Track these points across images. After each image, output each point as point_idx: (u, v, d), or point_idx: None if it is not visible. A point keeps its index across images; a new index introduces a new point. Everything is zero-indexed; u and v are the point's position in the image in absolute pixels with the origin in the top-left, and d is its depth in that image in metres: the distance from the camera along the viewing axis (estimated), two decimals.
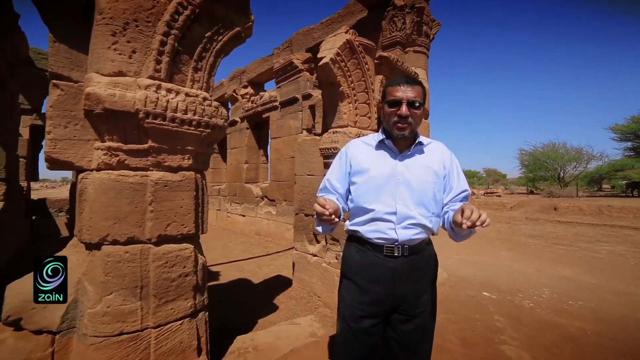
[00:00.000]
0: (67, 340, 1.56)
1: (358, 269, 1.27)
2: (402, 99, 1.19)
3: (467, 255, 5.64)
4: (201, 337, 1.76)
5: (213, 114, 1.70)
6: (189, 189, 1.68)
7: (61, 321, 1.52)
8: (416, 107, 1.20)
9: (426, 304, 1.27)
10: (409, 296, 1.24)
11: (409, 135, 1.22)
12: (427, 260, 1.29)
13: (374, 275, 1.23)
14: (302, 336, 2.39)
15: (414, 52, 4.43)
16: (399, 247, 1.21)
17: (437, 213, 1.27)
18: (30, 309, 1.55)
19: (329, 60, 2.61)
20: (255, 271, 4.46)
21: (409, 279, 1.23)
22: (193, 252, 1.71)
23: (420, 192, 1.22)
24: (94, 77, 1.40)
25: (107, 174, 1.49)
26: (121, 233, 1.50)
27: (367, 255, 1.25)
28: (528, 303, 3.25)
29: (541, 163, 22.38)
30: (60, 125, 1.54)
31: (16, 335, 1.57)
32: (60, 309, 1.53)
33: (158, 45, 1.51)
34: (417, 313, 1.25)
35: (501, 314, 2.96)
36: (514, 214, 12.70)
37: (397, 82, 1.22)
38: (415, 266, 1.24)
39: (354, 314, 1.25)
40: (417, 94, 1.20)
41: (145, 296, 1.55)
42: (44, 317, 1.54)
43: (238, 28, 1.84)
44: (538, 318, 2.88)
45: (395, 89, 1.21)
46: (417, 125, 1.24)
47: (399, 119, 1.20)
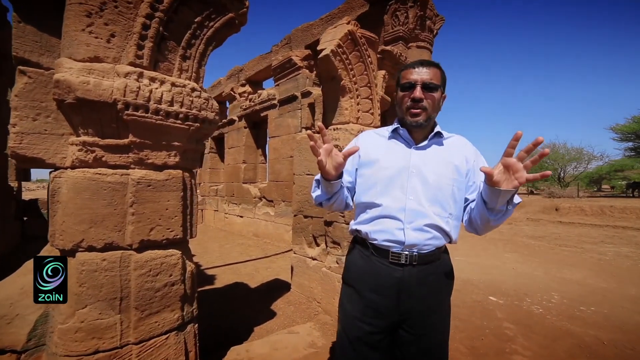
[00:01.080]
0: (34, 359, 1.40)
1: (360, 276, 1.11)
2: (417, 81, 1.03)
3: (470, 257, 5.49)
4: (189, 352, 1.60)
5: (203, 106, 1.54)
6: (176, 189, 1.52)
7: (28, 338, 1.36)
8: (432, 90, 1.04)
9: (437, 324, 1.08)
10: (416, 313, 1.05)
11: (424, 122, 1.05)
12: (441, 273, 1.09)
13: (376, 285, 1.07)
14: (301, 347, 2.23)
15: (417, 47, 4.28)
16: (406, 254, 1.03)
17: (456, 215, 1.08)
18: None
19: (329, 52, 2.45)
20: (252, 274, 4.30)
21: (417, 293, 1.04)
22: (180, 258, 1.54)
23: (437, 187, 1.05)
24: (65, 62, 1.24)
25: (82, 172, 1.32)
26: (98, 238, 1.33)
27: (370, 260, 1.09)
28: (537, 309, 3.10)
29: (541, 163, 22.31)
30: (28, 117, 1.37)
31: None
32: (27, 324, 1.37)
33: (140, 29, 1.35)
34: (426, 333, 1.06)
35: (510, 321, 2.81)
36: (514, 214, 12.56)
37: (412, 65, 1.08)
38: (427, 279, 1.05)
39: (355, 325, 1.09)
40: (434, 76, 1.05)
41: (125, 309, 1.38)
42: (8, 335, 1.37)
43: (231, 14, 1.68)
44: (550, 325, 2.73)
45: (409, 71, 1.06)
46: (434, 111, 1.07)
47: (412, 103, 1.04)
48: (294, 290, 3.42)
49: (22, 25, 1.46)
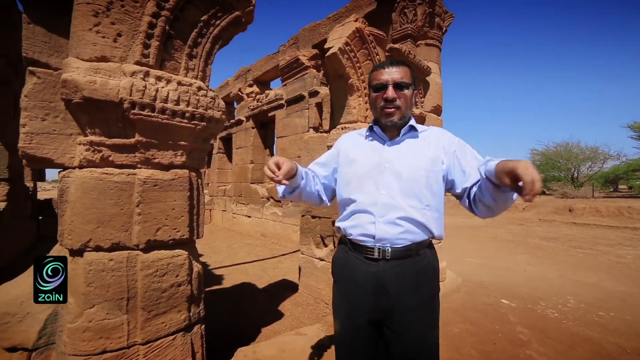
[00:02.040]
0: (44, 358, 1.41)
1: (341, 272, 1.14)
2: (388, 81, 1.06)
3: (480, 259, 5.38)
4: (196, 353, 1.59)
5: (209, 105, 1.53)
6: (182, 189, 1.51)
7: (38, 337, 1.37)
8: (404, 88, 1.07)
9: (419, 323, 1.04)
10: (395, 310, 1.03)
11: (398, 121, 1.08)
12: (420, 270, 1.05)
13: (355, 280, 1.08)
14: (309, 349, 2.20)
15: (425, 45, 4.21)
16: (379, 248, 1.03)
17: (435, 207, 1.07)
18: (5, 322, 1.40)
19: (337, 50, 2.42)
20: (260, 275, 4.29)
21: (393, 290, 1.02)
22: (187, 259, 1.53)
23: (411, 180, 1.05)
24: (72, 62, 1.24)
25: (90, 172, 1.32)
26: (105, 238, 1.33)
27: (348, 256, 1.11)
28: (552, 313, 2.99)
29: (554, 163, 21.75)
30: (37, 118, 1.38)
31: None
32: (38, 323, 1.37)
33: (146, 28, 1.34)
34: (406, 332, 1.03)
35: (524, 325, 2.72)
36: (526, 215, 12.29)
37: (382, 65, 1.11)
38: (403, 275, 1.03)
39: (342, 321, 1.14)
40: (404, 75, 1.07)
41: (132, 309, 1.38)
42: (19, 333, 1.39)
43: (238, 12, 1.67)
44: (566, 330, 2.63)
45: (380, 72, 1.09)
46: (407, 109, 1.09)
47: (385, 103, 1.07)
48: (301, 291, 3.40)
49: (32, 26, 1.47)
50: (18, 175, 5.16)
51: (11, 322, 1.36)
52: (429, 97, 3.69)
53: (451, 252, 5.75)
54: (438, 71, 3.95)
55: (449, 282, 3.66)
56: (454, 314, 2.98)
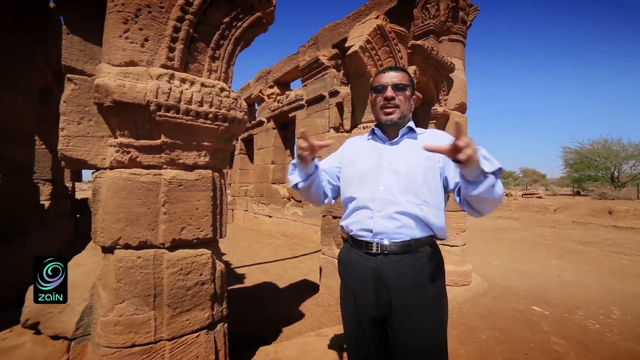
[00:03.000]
0: (81, 347, 1.48)
1: (345, 268, 1.20)
2: (387, 83, 1.15)
3: (508, 262, 5.12)
4: (219, 351, 1.61)
5: (231, 105, 1.55)
6: (206, 189, 1.54)
7: (76, 327, 1.44)
8: (402, 89, 1.15)
9: (421, 320, 1.04)
10: (396, 307, 1.05)
11: (397, 120, 1.15)
12: (420, 267, 1.06)
13: (357, 276, 1.13)
14: (329, 351, 2.18)
15: (449, 40, 4.06)
16: (377, 242, 1.08)
17: (433, 203, 1.09)
18: (47, 313, 1.49)
19: (358, 48, 2.38)
20: (281, 274, 4.33)
21: (393, 285, 1.05)
22: (210, 258, 1.56)
23: (408, 177, 1.10)
24: (104, 67, 1.30)
25: (119, 173, 1.38)
26: (133, 236, 1.38)
27: (350, 252, 1.17)
28: (593, 324, 2.78)
29: (589, 161, 20.34)
30: (73, 122, 1.46)
31: (35, 339, 1.51)
32: (75, 314, 1.45)
33: (171, 32, 1.38)
34: (408, 329, 1.04)
35: (559, 335, 2.55)
36: (558, 217, 11.60)
37: (382, 71, 1.21)
38: (403, 271, 1.05)
39: (348, 317, 1.19)
40: (403, 78, 1.16)
41: (158, 305, 1.42)
42: (60, 322, 1.47)
43: (259, 13, 1.68)
44: (611, 345, 2.42)
45: (380, 76, 1.19)
46: (406, 109, 1.17)
47: (385, 102, 1.15)
48: (322, 291, 3.39)
49: (70, 36, 1.56)
50: (59, 176, 5.55)
51: (53, 312, 1.44)
52: (452, 94, 3.57)
53: (476, 255, 5.53)
54: (462, 67, 3.81)
55: (474, 286, 3.51)
56: (480, 320, 2.85)
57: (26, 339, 1.54)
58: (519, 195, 18.60)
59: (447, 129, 3.50)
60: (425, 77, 3.16)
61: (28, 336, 1.54)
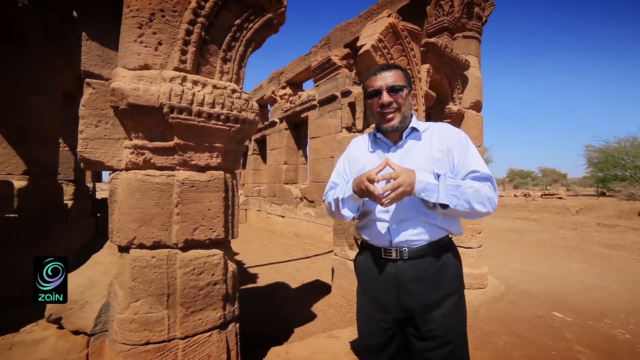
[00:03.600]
0: (100, 343, 1.53)
1: (364, 274, 1.21)
2: (382, 87, 1.10)
3: (525, 265, 4.94)
4: (231, 350, 1.63)
5: (243, 107, 1.56)
6: (218, 190, 1.55)
7: (94, 324, 1.49)
8: (398, 91, 1.10)
9: (442, 321, 1.06)
10: (417, 310, 1.07)
11: (399, 124, 1.11)
12: (440, 267, 1.09)
13: (377, 281, 1.14)
14: (341, 352, 2.16)
15: (463, 37, 3.96)
16: (396, 249, 1.09)
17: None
18: (69, 309, 1.54)
19: (370, 47, 2.36)
20: (293, 275, 4.34)
21: (414, 289, 1.07)
22: (222, 258, 1.58)
23: None
24: (119, 71, 1.33)
25: (134, 174, 1.41)
26: (147, 237, 1.41)
27: (369, 258, 1.18)
28: (622, 333, 2.62)
29: (616, 160, 19.37)
30: (91, 125, 1.51)
31: (58, 333, 1.57)
32: (94, 311, 1.50)
33: (184, 35, 1.41)
34: (431, 331, 1.05)
35: (583, 344, 2.43)
36: (580, 218, 11.10)
37: (374, 72, 1.15)
38: (423, 274, 1.07)
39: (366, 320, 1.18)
40: (397, 78, 1.11)
41: (172, 305, 1.45)
42: (80, 318, 1.52)
43: (270, 14, 1.68)
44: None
45: (373, 79, 1.13)
46: (406, 110, 1.13)
47: (382, 109, 1.11)
48: (334, 292, 3.37)
49: (89, 42, 1.61)
50: (81, 176, 5.79)
51: (74, 308, 1.49)
52: (467, 92, 3.48)
53: (493, 257, 5.37)
54: (477, 64, 3.71)
55: (491, 289, 3.41)
56: (497, 324, 2.76)
57: (50, 332, 1.60)
58: (538, 196, 17.93)
59: (463, 127, 3.41)
60: (439, 75, 3.09)
61: (52, 330, 1.60)
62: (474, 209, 1.01)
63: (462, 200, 0.99)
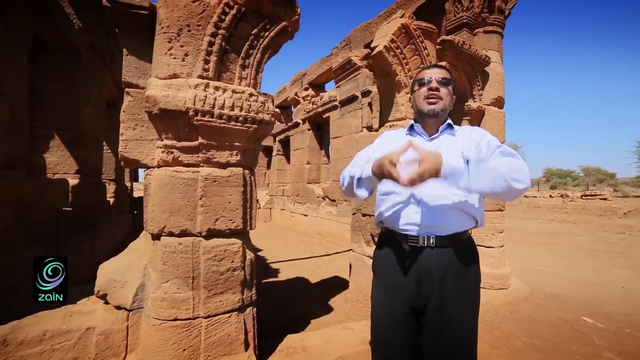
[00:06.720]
0: (137, 318, 1.74)
1: (382, 263, 1.23)
2: (432, 76, 1.19)
3: (558, 269, 4.67)
4: (248, 332, 1.78)
5: (259, 109, 1.71)
6: (237, 185, 1.71)
7: (132, 301, 1.71)
8: (446, 84, 1.19)
9: (456, 312, 1.09)
10: (434, 298, 1.10)
11: (440, 110, 1.17)
12: (464, 256, 1.13)
13: (397, 269, 1.16)
14: (354, 342, 2.25)
15: (484, 32, 3.86)
16: (423, 236, 1.11)
17: (474, 195, 1.13)
18: (112, 287, 1.78)
19: (382, 48, 2.43)
20: (314, 271, 4.47)
21: (437, 275, 1.09)
22: (241, 247, 1.73)
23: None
24: (152, 81, 1.53)
25: (165, 170, 1.61)
26: (176, 225, 1.60)
27: (391, 247, 1.19)
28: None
29: None
30: (130, 128, 1.74)
31: (105, 307, 1.82)
32: (132, 290, 1.72)
33: (206, 46, 1.58)
34: (444, 320, 1.09)
35: (615, 351, 2.28)
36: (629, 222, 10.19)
37: (426, 67, 1.26)
38: (448, 261, 1.10)
39: (381, 309, 1.20)
40: (446, 74, 1.20)
41: (196, 287, 1.63)
42: (121, 295, 1.75)
43: (284, 22, 1.82)
44: None
45: (424, 72, 1.23)
46: (447, 104, 1.20)
47: (429, 92, 1.18)
48: (351, 288, 3.45)
49: (128, 56, 1.85)
50: (121, 176, 6.36)
51: (116, 287, 1.73)
52: (488, 88, 3.41)
53: (521, 259, 5.15)
54: (499, 60, 3.61)
55: (514, 290, 3.31)
56: (517, 326, 2.70)
57: (99, 306, 1.85)
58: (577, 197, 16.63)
59: (483, 124, 3.35)
60: (457, 72, 3.07)
61: (100, 304, 1.85)
62: (511, 186, 0.96)
63: (494, 178, 0.96)
